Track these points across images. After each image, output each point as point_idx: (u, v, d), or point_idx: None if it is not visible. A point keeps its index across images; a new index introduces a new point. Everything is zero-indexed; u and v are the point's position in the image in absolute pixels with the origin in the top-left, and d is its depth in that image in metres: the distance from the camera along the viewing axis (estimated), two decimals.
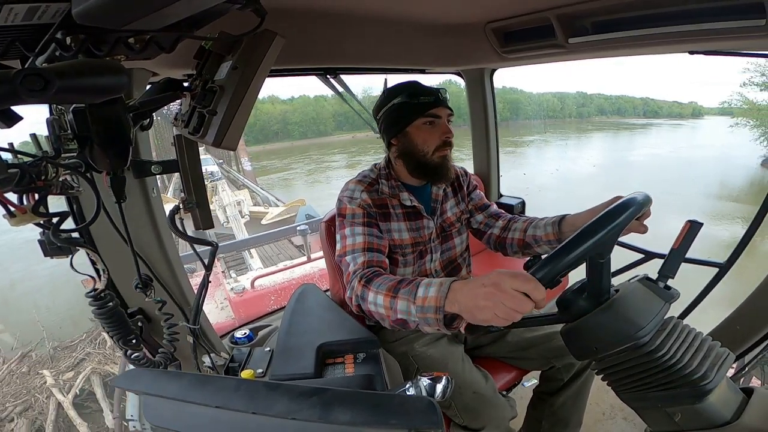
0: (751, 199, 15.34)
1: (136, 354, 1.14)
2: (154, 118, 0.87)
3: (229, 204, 10.51)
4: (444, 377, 0.76)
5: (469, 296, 0.76)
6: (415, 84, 1.24)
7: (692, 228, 0.86)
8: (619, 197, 1.01)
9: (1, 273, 10.14)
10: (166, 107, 0.91)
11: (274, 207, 11.82)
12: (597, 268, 0.80)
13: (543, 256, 0.79)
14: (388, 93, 1.25)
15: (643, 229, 1.00)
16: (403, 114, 1.21)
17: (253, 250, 6.98)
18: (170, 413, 0.54)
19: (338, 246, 1.19)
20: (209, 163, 15.78)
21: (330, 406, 0.48)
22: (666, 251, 0.87)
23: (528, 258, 0.88)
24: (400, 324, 0.92)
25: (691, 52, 1.31)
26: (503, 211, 1.42)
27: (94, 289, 1.01)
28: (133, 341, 1.12)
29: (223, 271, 5.48)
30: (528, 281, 0.71)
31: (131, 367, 1.21)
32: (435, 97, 1.21)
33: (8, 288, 9.39)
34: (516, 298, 0.70)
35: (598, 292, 0.81)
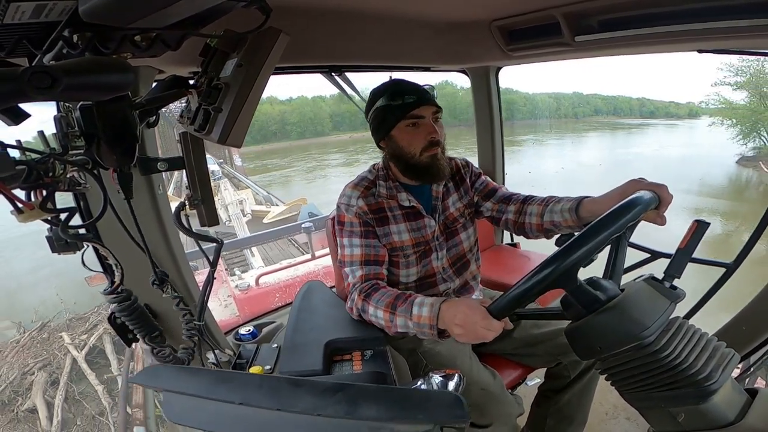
0: (729, 195, 16.50)
1: (162, 351, 1.13)
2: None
3: (231, 203, 10.56)
4: (456, 374, 0.77)
5: (449, 323, 0.94)
6: (397, 83, 1.21)
7: (699, 228, 0.85)
8: (635, 180, 1.01)
9: (25, 259, 11.44)
10: (167, 108, 0.91)
11: (276, 206, 11.86)
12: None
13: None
14: (372, 95, 1.23)
15: (661, 221, 0.95)
16: (386, 117, 1.19)
17: (254, 249, 7.02)
18: (191, 410, 0.53)
19: (339, 252, 1.25)
20: (209, 162, 15.82)
21: (356, 402, 0.47)
22: (664, 249, 0.87)
23: (557, 236, 0.95)
24: (399, 334, 1.07)
25: (700, 51, 1.30)
26: (515, 193, 1.36)
27: (112, 285, 1.01)
28: (158, 338, 1.11)
29: (226, 269, 5.51)
30: (484, 319, 0.86)
31: (147, 361, 1.20)
32: (417, 96, 1.17)
33: (30, 272, 10.59)
34: (479, 331, 0.87)
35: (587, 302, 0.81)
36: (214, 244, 1.02)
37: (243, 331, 1.39)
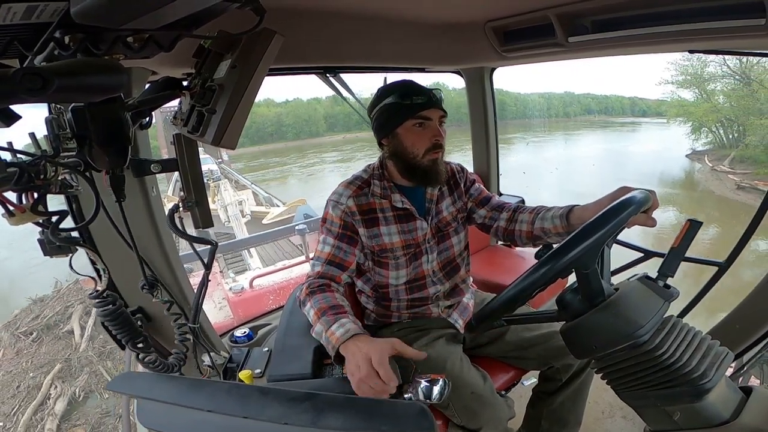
0: (682, 186, 18.14)
1: (148, 357, 1.11)
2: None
3: (230, 203, 10.50)
4: (441, 379, 0.76)
5: (351, 357, 0.90)
6: (408, 84, 1.23)
7: (692, 227, 0.86)
8: (624, 187, 1.01)
9: None
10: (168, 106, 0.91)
11: (276, 207, 11.81)
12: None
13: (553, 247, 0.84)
14: (381, 92, 1.24)
15: (651, 223, 0.95)
16: (393, 115, 1.20)
17: (252, 250, 6.96)
18: (164, 416, 0.54)
19: None
20: (209, 162, 15.77)
21: (322, 412, 0.48)
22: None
23: (538, 248, 0.92)
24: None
25: (691, 51, 1.32)
26: (507, 201, 1.37)
27: (96, 290, 1.00)
28: (141, 344, 1.09)
29: (221, 271, 5.47)
30: (385, 377, 0.83)
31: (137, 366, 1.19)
32: (427, 98, 1.18)
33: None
34: (367, 387, 0.84)
35: (593, 293, 0.81)
36: (209, 246, 1.01)
37: (238, 333, 1.39)
